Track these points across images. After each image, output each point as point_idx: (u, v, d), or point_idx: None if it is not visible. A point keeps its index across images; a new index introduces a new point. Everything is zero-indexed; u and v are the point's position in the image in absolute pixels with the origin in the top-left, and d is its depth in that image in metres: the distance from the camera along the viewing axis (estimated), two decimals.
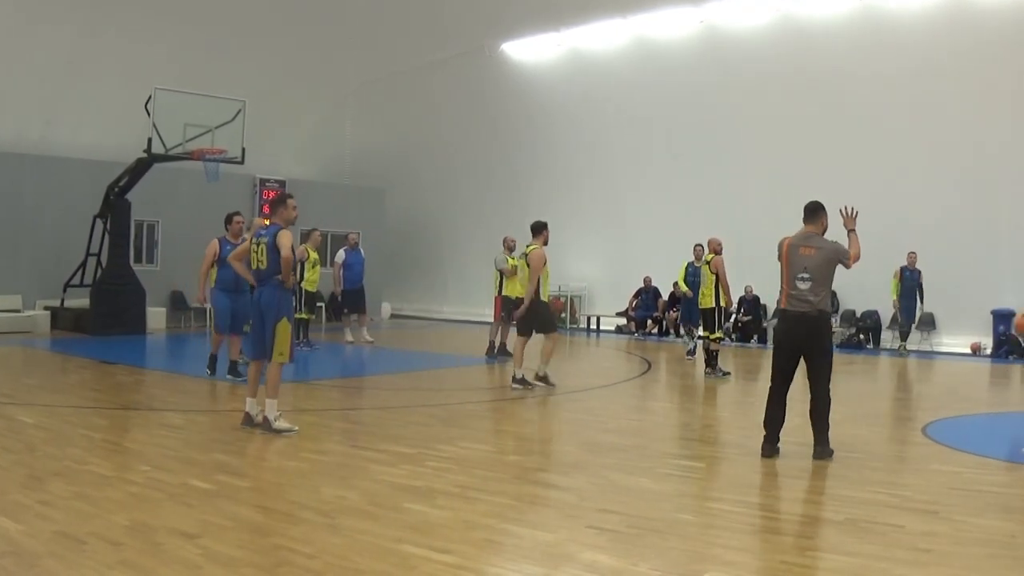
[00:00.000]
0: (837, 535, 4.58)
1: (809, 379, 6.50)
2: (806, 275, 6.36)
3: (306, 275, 13.74)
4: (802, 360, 6.51)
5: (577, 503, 5.13)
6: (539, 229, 10.17)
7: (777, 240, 6.76)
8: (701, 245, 12.70)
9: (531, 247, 10.05)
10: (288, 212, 7.24)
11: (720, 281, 11.68)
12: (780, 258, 6.59)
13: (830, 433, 6.39)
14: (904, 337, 15.49)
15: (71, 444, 6.45)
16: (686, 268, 13.83)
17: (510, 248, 13.39)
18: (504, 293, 13.02)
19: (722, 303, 11.91)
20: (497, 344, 13.25)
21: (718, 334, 11.80)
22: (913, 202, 15.72)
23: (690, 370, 12.70)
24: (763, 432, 6.49)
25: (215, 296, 9.84)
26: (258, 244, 7.17)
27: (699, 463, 6.55)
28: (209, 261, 9.87)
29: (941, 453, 6.85)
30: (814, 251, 6.43)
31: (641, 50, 18.89)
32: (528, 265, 9.92)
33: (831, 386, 6.46)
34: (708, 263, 11.80)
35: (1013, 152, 14.88)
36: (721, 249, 11.89)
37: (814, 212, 6.61)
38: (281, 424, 6.95)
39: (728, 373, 11.72)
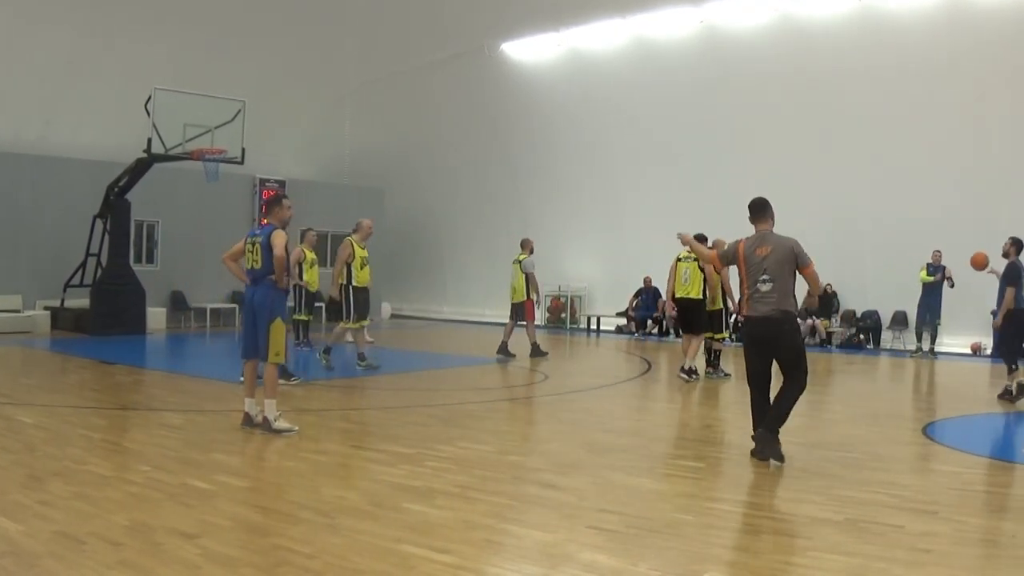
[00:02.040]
0: (837, 535, 4.58)
1: (783, 373, 6.33)
2: (766, 276, 6.18)
3: (304, 276, 13.53)
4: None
5: (577, 503, 5.12)
6: (706, 239, 11.01)
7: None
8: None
9: None
10: (283, 212, 7.31)
11: (724, 284, 11.68)
12: (736, 262, 6.38)
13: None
14: (919, 337, 15.45)
15: (70, 444, 6.44)
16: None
17: (531, 251, 13.37)
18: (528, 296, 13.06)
19: (730, 307, 11.92)
20: (508, 344, 13.15)
21: (723, 334, 11.83)
22: (913, 202, 15.71)
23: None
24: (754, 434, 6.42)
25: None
26: (252, 244, 7.19)
27: (699, 463, 6.54)
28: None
29: (941, 453, 6.86)
30: (769, 250, 6.24)
31: (641, 50, 18.88)
32: (702, 271, 11.07)
33: (808, 380, 6.28)
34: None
35: (1013, 152, 14.87)
36: None
37: (763, 209, 6.41)
38: (281, 424, 6.96)
39: (729, 374, 11.73)
